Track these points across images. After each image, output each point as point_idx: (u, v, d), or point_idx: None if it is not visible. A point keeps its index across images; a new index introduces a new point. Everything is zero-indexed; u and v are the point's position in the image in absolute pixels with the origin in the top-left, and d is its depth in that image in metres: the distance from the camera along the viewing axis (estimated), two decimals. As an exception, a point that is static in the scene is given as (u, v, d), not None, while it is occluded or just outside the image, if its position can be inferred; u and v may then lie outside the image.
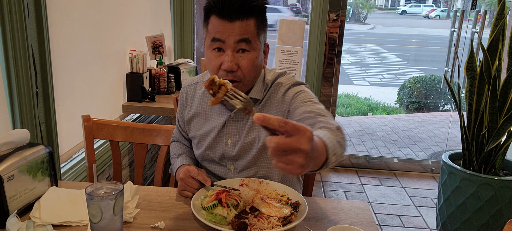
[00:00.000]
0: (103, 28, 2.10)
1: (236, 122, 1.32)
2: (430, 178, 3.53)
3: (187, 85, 1.42)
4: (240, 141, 1.31)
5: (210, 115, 1.35)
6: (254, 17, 1.18)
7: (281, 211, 1.13)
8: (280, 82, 1.30)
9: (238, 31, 1.16)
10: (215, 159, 1.36)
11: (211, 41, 1.19)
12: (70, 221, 1.09)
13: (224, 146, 1.33)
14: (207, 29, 1.21)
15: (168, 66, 2.74)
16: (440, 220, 2.46)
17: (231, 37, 1.16)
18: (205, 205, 1.13)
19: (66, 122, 1.79)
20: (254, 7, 1.16)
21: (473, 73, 2.26)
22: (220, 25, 1.16)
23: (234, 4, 1.14)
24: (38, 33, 1.49)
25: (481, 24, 2.94)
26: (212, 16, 1.18)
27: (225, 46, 1.17)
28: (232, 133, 1.32)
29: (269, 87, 1.30)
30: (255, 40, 1.19)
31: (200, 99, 1.37)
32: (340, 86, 3.53)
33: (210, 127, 1.34)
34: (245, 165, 1.33)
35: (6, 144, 1.10)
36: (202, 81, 1.39)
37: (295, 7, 12.21)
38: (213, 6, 1.17)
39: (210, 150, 1.36)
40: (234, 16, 1.15)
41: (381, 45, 12.33)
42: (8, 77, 1.37)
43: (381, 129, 5.26)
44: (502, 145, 2.22)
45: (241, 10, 1.15)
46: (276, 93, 1.29)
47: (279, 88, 1.29)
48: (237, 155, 1.33)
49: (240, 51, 1.19)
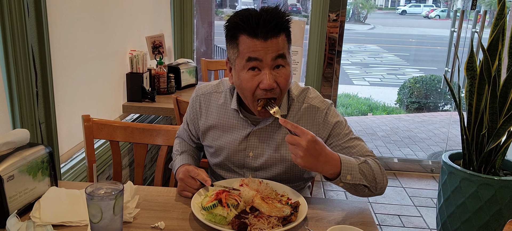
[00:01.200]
0: (103, 28, 2.10)
1: (260, 136, 1.32)
2: (430, 178, 3.53)
3: (201, 94, 1.39)
4: (265, 155, 1.32)
5: (231, 127, 1.34)
6: (284, 33, 1.19)
7: (281, 211, 1.13)
8: (316, 106, 1.32)
9: (274, 48, 1.16)
10: (234, 168, 1.37)
11: (246, 61, 1.17)
12: (70, 221, 1.09)
13: (244, 158, 1.34)
14: (238, 50, 1.19)
15: (168, 66, 2.73)
16: (440, 220, 2.46)
17: (268, 55, 1.16)
18: (205, 205, 1.13)
19: (66, 122, 1.79)
20: (284, 23, 1.18)
21: (473, 73, 2.26)
22: (255, 44, 1.15)
23: (269, 23, 1.14)
24: (38, 33, 1.49)
25: (481, 24, 2.94)
26: (243, 36, 1.17)
27: (262, 65, 1.17)
28: (254, 146, 1.33)
29: (293, 102, 1.32)
30: (288, 54, 1.21)
31: (218, 110, 1.36)
32: (340, 86, 3.53)
33: (231, 138, 1.34)
34: (265, 177, 1.35)
35: (6, 144, 1.10)
36: (217, 91, 1.37)
37: (295, 7, 12.21)
38: (243, 26, 1.16)
39: (229, 160, 1.36)
40: (268, 35, 1.15)
41: (381, 45, 12.33)
42: (8, 77, 1.37)
43: (381, 129, 5.26)
44: (502, 145, 2.22)
45: (274, 28, 1.15)
46: (312, 115, 1.31)
47: (316, 112, 1.31)
48: (259, 167, 1.34)
49: (276, 68, 1.19)
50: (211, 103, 1.37)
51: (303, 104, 1.32)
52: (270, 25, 1.14)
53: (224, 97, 1.36)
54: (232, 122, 1.34)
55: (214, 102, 1.37)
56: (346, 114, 6.54)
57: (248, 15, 1.15)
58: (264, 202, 1.15)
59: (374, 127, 5.37)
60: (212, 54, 5.36)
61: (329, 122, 1.31)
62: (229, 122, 1.34)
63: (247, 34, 1.16)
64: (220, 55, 6.92)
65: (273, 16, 1.15)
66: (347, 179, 1.16)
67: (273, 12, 1.16)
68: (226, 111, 1.35)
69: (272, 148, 1.31)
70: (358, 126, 5.37)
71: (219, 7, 13.03)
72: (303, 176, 1.39)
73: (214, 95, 1.37)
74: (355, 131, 1.45)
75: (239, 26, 1.16)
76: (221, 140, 1.35)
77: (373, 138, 4.83)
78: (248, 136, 1.32)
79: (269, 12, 1.15)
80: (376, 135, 4.95)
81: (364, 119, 6.11)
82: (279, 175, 1.35)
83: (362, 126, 5.42)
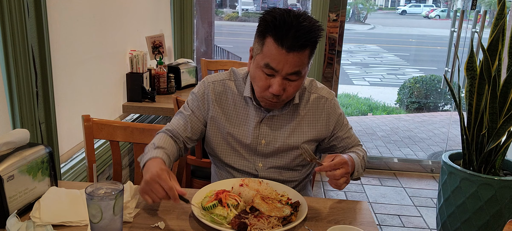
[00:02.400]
0: (103, 28, 2.10)
1: (272, 123, 1.36)
2: (430, 178, 3.53)
3: (213, 81, 1.39)
4: (278, 142, 1.36)
5: (244, 114, 1.37)
6: (309, 48, 1.20)
7: (281, 211, 1.13)
8: (324, 97, 1.40)
9: (292, 63, 1.18)
10: (245, 155, 1.39)
11: (264, 65, 1.20)
12: (70, 221, 1.09)
13: (256, 145, 1.37)
14: (262, 49, 1.20)
15: (168, 66, 2.73)
16: (440, 220, 2.46)
17: (285, 68, 1.18)
18: (205, 205, 1.13)
19: (66, 122, 1.79)
20: (313, 40, 1.19)
21: (473, 73, 2.26)
22: (277, 53, 1.17)
23: (297, 39, 1.15)
24: (38, 33, 1.49)
25: (481, 24, 2.93)
26: (269, 38, 1.17)
27: (277, 73, 1.20)
28: (266, 133, 1.36)
29: (305, 91, 1.39)
30: (304, 68, 1.23)
31: (232, 97, 1.38)
32: (340, 86, 3.53)
33: (244, 125, 1.37)
34: (276, 164, 1.38)
35: (6, 144, 1.10)
36: (230, 79, 1.40)
37: (295, 7, 12.22)
38: (273, 30, 1.16)
39: (241, 146, 1.38)
40: (292, 48, 1.16)
41: (381, 45, 12.33)
42: (8, 77, 1.37)
43: (381, 129, 5.26)
44: (502, 145, 2.22)
45: (301, 44, 1.16)
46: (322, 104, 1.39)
47: (325, 102, 1.39)
48: (270, 154, 1.38)
49: (288, 79, 1.22)
50: (225, 89, 1.39)
51: (312, 94, 1.40)
52: (298, 41, 1.15)
53: (236, 85, 1.39)
54: (245, 109, 1.37)
55: (228, 89, 1.39)
56: (346, 114, 6.53)
57: (282, 21, 1.15)
58: (264, 202, 1.15)
59: (374, 127, 5.37)
60: (212, 54, 5.36)
61: (336, 112, 1.40)
62: (242, 109, 1.38)
63: (274, 39, 1.17)
64: (220, 55, 6.92)
65: (305, 32, 1.16)
66: (354, 176, 1.29)
67: (306, 28, 1.16)
68: (239, 98, 1.38)
69: (284, 136, 1.36)
70: (358, 126, 5.37)
71: (219, 7, 13.04)
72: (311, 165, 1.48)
73: (227, 82, 1.39)
74: (355, 131, 1.53)
75: (269, 27, 1.17)
76: (234, 127, 1.37)
77: (373, 138, 4.83)
78: (260, 123, 1.36)
79: (302, 28, 1.15)
80: (376, 135, 4.95)
81: (364, 118, 6.11)
82: (290, 164, 1.40)
83: (362, 126, 5.42)
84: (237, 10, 14.99)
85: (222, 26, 12.94)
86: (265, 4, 15.37)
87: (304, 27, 1.15)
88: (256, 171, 1.39)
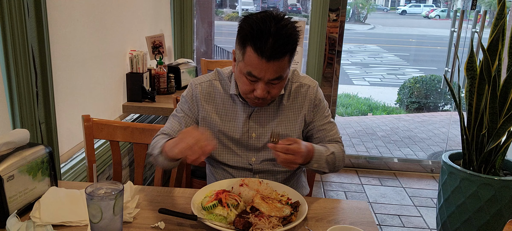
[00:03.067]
0: (103, 28, 2.10)
1: (260, 117, 1.40)
2: (430, 178, 3.53)
3: (201, 82, 1.43)
4: (268, 134, 1.39)
5: (232, 111, 1.40)
6: (289, 53, 1.22)
7: (281, 211, 1.13)
8: (307, 84, 1.42)
9: (273, 71, 1.21)
10: (239, 152, 1.41)
11: (246, 73, 1.23)
12: (70, 221, 1.09)
13: (248, 140, 1.40)
14: (243, 57, 1.23)
15: (168, 66, 2.73)
16: (440, 220, 2.46)
17: (266, 75, 1.22)
18: (205, 205, 1.13)
19: (66, 122, 1.79)
20: (292, 46, 1.21)
21: (473, 73, 2.26)
22: (257, 63, 1.20)
23: (276, 50, 1.17)
24: (38, 33, 1.49)
25: (481, 24, 2.93)
26: (249, 48, 1.20)
27: (259, 80, 1.24)
28: (255, 127, 1.40)
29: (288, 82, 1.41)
30: (285, 71, 1.26)
31: (219, 96, 1.41)
32: (340, 86, 3.53)
33: (234, 122, 1.40)
34: (268, 156, 1.41)
35: (6, 144, 1.10)
36: (216, 79, 1.43)
37: (295, 7, 12.22)
38: (252, 40, 1.18)
39: (233, 143, 1.41)
40: (272, 57, 1.18)
41: (381, 45, 12.33)
42: (8, 77, 1.37)
43: (381, 129, 5.26)
44: (502, 145, 2.22)
45: (280, 52, 1.19)
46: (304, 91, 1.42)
47: (307, 89, 1.42)
48: (262, 147, 1.40)
49: (271, 83, 1.25)
50: (212, 89, 1.42)
51: (294, 83, 1.42)
52: (278, 50, 1.18)
53: (222, 84, 1.42)
54: (233, 107, 1.40)
55: (215, 89, 1.42)
56: (346, 114, 6.54)
57: (260, 31, 1.17)
58: (264, 202, 1.15)
59: (374, 127, 5.36)
60: (212, 54, 5.35)
61: (318, 98, 1.43)
62: (230, 106, 1.41)
63: (254, 49, 1.18)
64: (220, 55, 6.92)
65: (284, 41, 1.18)
66: (313, 167, 1.31)
67: (284, 36, 1.18)
68: (226, 97, 1.40)
69: (273, 127, 1.39)
70: (358, 126, 5.37)
71: (219, 7, 13.04)
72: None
73: (214, 82, 1.43)
74: (355, 131, 1.50)
75: (247, 36, 1.19)
76: (224, 124, 1.40)
77: (373, 138, 4.82)
78: (249, 118, 1.39)
79: (280, 37, 1.17)
80: (376, 135, 4.95)
81: (364, 118, 6.11)
82: None
83: (362, 126, 5.41)
84: (237, 10, 15.00)
85: (222, 26, 12.94)
86: (265, 4, 15.37)
87: (282, 35, 1.17)
88: (250, 165, 1.41)
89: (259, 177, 1.41)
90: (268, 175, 1.43)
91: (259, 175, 1.42)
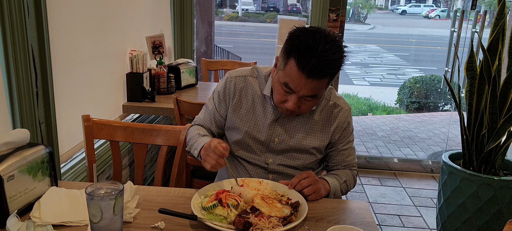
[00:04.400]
0: (103, 28, 2.10)
1: (287, 124, 1.41)
2: (430, 178, 3.53)
3: (236, 76, 1.44)
4: (290, 143, 1.40)
5: (262, 111, 1.41)
6: (329, 76, 1.23)
7: (281, 211, 1.13)
8: (341, 106, 1.43)
9: (309, 88, 1.22)
10: (257, 150, 1.43)
11: (283, 83, 1.24)
12: (70, 221, 1.09)
13: (270, 142, 1.41)
14: (284, 67, 1.23)
15: (168, 66, 2.73)
16: (440, 220, 2.46)
17: (302, 91, 1.23)
18: (205, 205, 1.13)
19: (66, 122, 1.79)
20: (332, 71, 1.22)
21: (473, 73, 2.26)
22: (297, 77, 1.20)
23: (316, 67, 1.18)
24: (38, 33, 1.49)
25: (481, 24, 2.93)
26: (292, 60, 1.20)
27: (294, 93, 1.25)
28: (280, 132, 1.40)
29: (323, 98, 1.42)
30: (321, 92, 1.27)
31: (252, 93, 1.42)
32: (340, 86, 3.53)
33: (260, 121, 1.41)
34: (285, 162, 1.43)
35: (6, 144, 1.10)
36: (252, 76, 1.44)
37: (295, 7, 12.23)
38: (296, 54, 1.19)
39: (254, 141, 1.42)
40: (312, 75, 1.19)
41: (381, 45, 12.34)
42: (8, 77, 1.37)
43: (381, 129, 5.26)
44: (502, 145, 2.22)
45: (321, 73, 1.19)
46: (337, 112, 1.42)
47: (340, 110, 1.42)
48: (281, 151, 1.42)
49: (304, 99, 1.26)
50: (246, 85, 1.43)
51: (330, 101, 1.43)
52: (320, 71, 1.18)
53: (258, 82, 1.43)
54: (263, 106, 1.41)
55: (249, 85, 1.43)
56: (346, 114, 6.53)
57: (307, 47, 1.18)
58: (264, 202, 1.15)
59: (374, 127, 5.36)
60: (212, 54, 5.36)
61: (347, 122, 1.44)
62: (260, 106, 1.42)
63: (296, 62, 1.19)
64: (220, 55, 6.92)
65: (327, 64, 1.18)
66: (331, 197, 1.39)
67: (329, 60, 1.18)
68: (258, 95, 1.42)
69: (297, 138, 1.40)
70: (358, 126, 5.37)
71: (219, 7, 13.04)
72: (317, 169, 1.52)
73: (249, 78, 1.44)
74: (355, 131, 1.53)
75: (294, 49, 1.20)
76: (250, 122, 1.42)
77: (373, 138, 4.82)
78: (276, 122, 1.40)
79: (325, 58, 1.17)
80: (376, 135, 4.95)
81: (364, 118, 6.11)
82: (298, 165, 1.44)
83: (362, 126, 5.41)
84: (237, 10, 14.99)
85: (222, 26, 12.94)
86: (265, 4, 15.37)
87: (328, 58, 1.18)
88: (267, 164, 1.44)
89: (272, 177, 1.44)
90: (281, 177, 1.45)
91: (272, 175, 1.45)
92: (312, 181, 1.29)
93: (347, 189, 1.46)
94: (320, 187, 1.31)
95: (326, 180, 1.38)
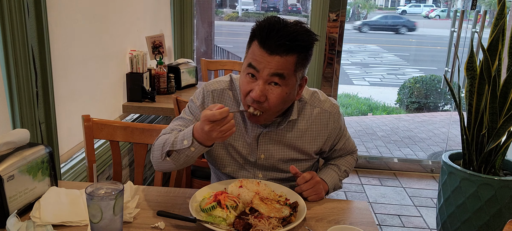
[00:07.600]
0: (103, 28, 2.10)
1: (271, 138, 1.34)
2: (430, 178, 3.53)
3: (213, 90, 1.35)
4: (277, 157, 1.35)
5: (242, 127, 1.34)
6: (296, 54, 1.16)
7: (280, 211, 1.13)
8: (328, 111, 1.36)
9: (274, 65, 1.15)
10: (245, 166, 1.38)
11: (246, 66, 1.19)
12: (70, 221, 1.09)
13: (256, 159, 1.35)
14: (247, 52, 1.21)
15: (168, 66, 2.73)
16: (440, 220, 2.46)
17: (265, 69, 1.15)
18: (204, 207, 1.13)
19: (66, 122, 1.79)
20: (298, 46, 1.15)
21: (473, 73, 2.26)
22: (259, 54, 1.15)
23: (277, 39, 1.12)
24: (38, 33, 1.49)
25: (481, 24, 2.93)
26: (255, 42, 1.17)
27: (258, 75, 1.17)
28: (265, 148, 1.34)
29: (306, 105, 1.35)
30: (290, 76, 1.18)
31: (231, 109, 1.32)
32: (340, 86, 3.53)
33: (243, 138, 1.34)
34: (276, 176, 1.39)
35: (6, 144, 1.10)
36: (230, 88, 1.35)
37: (295, 7, 12.22)
38: (257, 33, 1.16)
39: (242, 157, 1.36)
40: (274, 50, 1.13)
41: (381, 45, 12.33)
42: (8, 77, 1.37)
43: (381, 129, 5.26)
44: (502, 145, 2.22)
45: (283, 46, 1.13)
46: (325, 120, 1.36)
47: (328, 117, 1.36)
48: (270, 167, 1.37)
49: (272, 84, 1.18)
50: (224, 100, 1.34)
51: (315, 108, 1.35)
52: (279, 41, 1.12)
53: (234, 95, 1.35)
54: (244, 122, 1.34)
55: (227, 99, 1.35)
56: (346, 114, 6.54)
57: (265, 24, 1.15)
58: (263, 203, 1.15)
59: (374, 127, 5.36)
60: (212, 54, 5.35)
61: (339, 127, 1.40)
62: (240, 120, 1.34)
63: (258, 42, 1.16)
64: (220, 55, 6.92)
65: (290, 37, 1.13)
66: (331, 192, 1.41)
67: (291, 32, 1.13)
68: (237, 109, 1.34)
69: (284, 151, 1.35)
70: (358, 126, 5.36)
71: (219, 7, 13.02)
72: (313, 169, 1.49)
73: (226, 92, 1.35)
74: (355, 131, 1.53)
75: (255, 32, 1.17)
76: (234, 138, 1.34)
77: (373, 138, 4.82)
78: (258, 137, 1.33)
79: (286, 31, 1.13)
80: (376, 135, 4.95)
81: (364, 118, 6.11)
82: (290, 176, 1.37)
83: (362, 126, 5.41)
84: (237, 10, 14.98)
85: (222, 26, 12.95)
86: (265, 4, 15.36)
87: (289, 31, 1.13)
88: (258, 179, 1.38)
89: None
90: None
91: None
92: (314, 183, 1.28)
93: (347, 175, 1.48)
94: (321, 189, 1.31)
95: (324, 180, 1.38)
